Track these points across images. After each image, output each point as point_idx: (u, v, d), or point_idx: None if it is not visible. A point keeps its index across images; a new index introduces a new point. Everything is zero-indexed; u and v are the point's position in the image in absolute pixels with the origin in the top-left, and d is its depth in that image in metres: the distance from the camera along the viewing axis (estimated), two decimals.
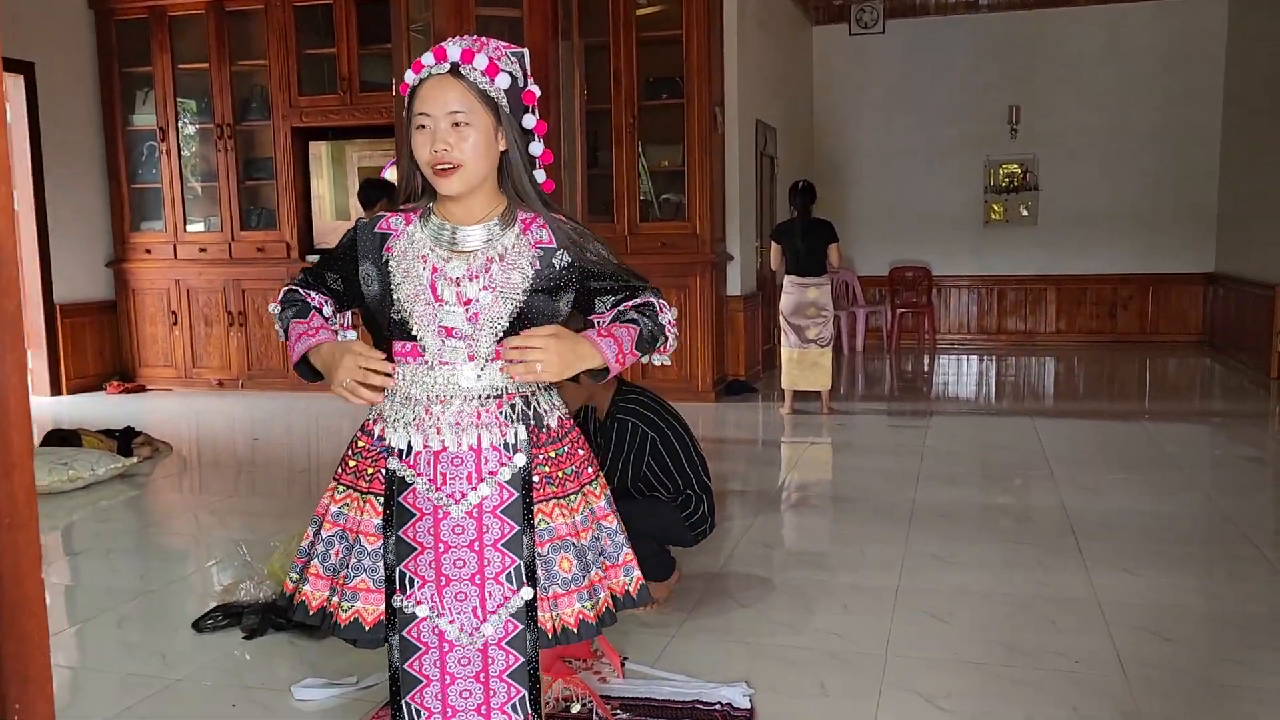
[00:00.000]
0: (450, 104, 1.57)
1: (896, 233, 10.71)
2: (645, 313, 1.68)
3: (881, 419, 6.76)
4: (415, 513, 1.62)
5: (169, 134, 7.94)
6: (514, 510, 1.62)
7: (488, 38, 1.69)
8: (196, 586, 3.63)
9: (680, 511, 3.30)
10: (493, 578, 1.61)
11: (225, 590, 3.44)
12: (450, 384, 1.61)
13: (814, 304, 6.53)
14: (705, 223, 7.05)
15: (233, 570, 3.43)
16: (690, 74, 6.98)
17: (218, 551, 3.98)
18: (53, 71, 7.49)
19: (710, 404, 7.08)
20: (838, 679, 2.72)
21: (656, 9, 7.12)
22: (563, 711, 2.49)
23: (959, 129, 10.43)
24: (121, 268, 8.22)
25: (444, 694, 1.62)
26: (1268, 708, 2.48)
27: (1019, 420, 6.58)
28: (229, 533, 4.28)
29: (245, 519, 4.48)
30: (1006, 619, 3.15)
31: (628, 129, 7.03)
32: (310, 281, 1.74)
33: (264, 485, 5.14)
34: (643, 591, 1.74)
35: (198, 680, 2.81)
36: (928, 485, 4.89)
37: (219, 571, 3.48)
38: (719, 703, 2.53)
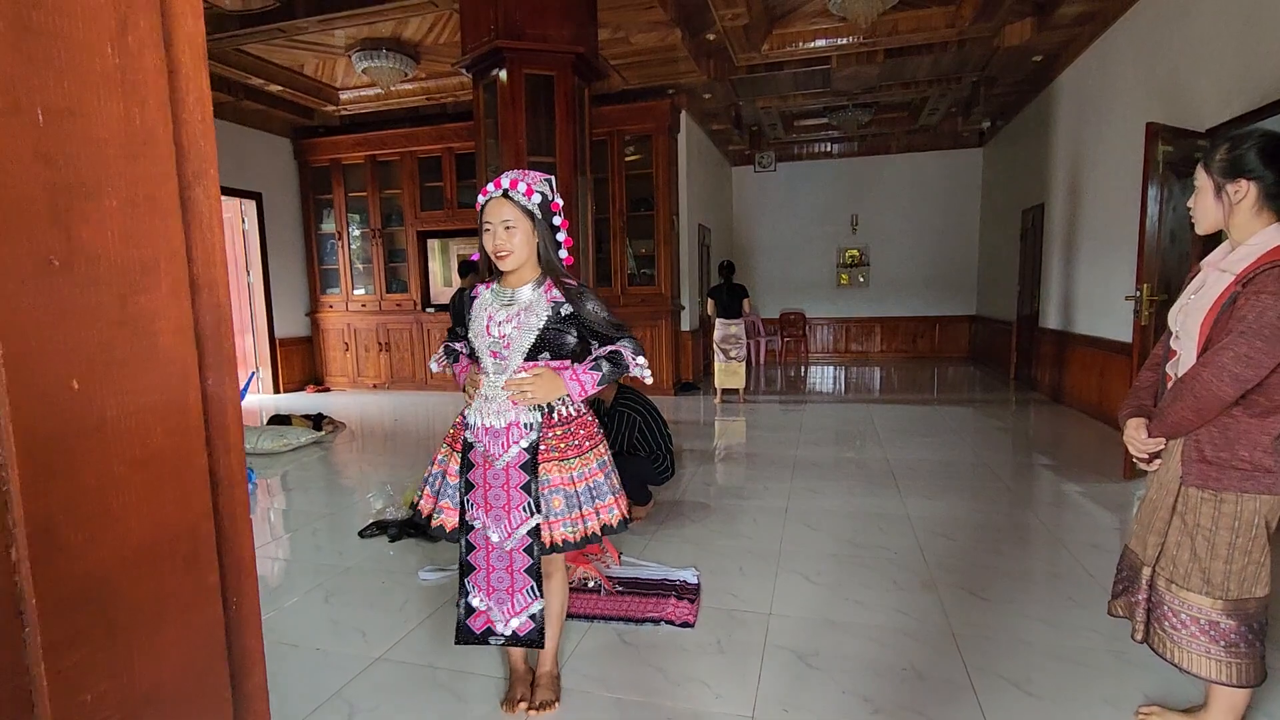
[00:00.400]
0: (503, 215, 1.67)
1: (784, 291, 10.94)
2: (612, 358, 1.73)
3: (776, 405, 6.87)
4: (474, 464, 1.74)
5: (343, 235, 8.29)
6: (528, 466, 1.69)
7: (530, 170, 1.77)
8: (360, 510, 3.69)
9: (653, 464, 3.39)
10: (515, 507, 1.69)
11: (378, 512, 3.50)
12: (495, 387, 1.72)
13: (734, 335, 6.67)
14: (667, 286, 7.25)
15: (382, 499, 3.51)
16: (658, 195, 7.20)
17: (373, 488, 4.05)
18: (273, 198, 8.07)
19: (671, 397, 7.20)
20: (751, 565, 2.82)
21: (637, 156, 7.27)
22: (582, 586, 2.57)
23: (821, 228, 10.72)
24: (315, 316, 8.54)
25: (488, 577, 1.73)
26: (1012, 579, 2.64)
27: (859, 405, 6.71)
28: (380, 476, 4.37)
29: (390, 469, 4.56)
30: (851, 527, 3.24)
31: (620, 229, 7.23)
32: (452, 337, 1.94)
33: (401, 448, 5.22)
34: (620, 524, 1.79)
35: (361, 568, 2.89)
36: (804, 446, 4.97)
37: (374, 500, 3.57)
38: (679, 580, 2.61)
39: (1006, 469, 4.27)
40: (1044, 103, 7.09)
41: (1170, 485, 1.54)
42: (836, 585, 2.61)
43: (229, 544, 0.55)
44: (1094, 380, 5.64)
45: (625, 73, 6.51)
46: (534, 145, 3.82)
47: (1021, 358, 7.78)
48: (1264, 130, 1.49)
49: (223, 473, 0.53)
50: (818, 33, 6.02)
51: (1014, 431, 5.50)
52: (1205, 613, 1.51)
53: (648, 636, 2.27)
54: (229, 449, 0.54)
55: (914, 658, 2.11)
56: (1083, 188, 6.04)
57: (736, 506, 3.62)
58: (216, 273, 0.51)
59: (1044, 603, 2.45)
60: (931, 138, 9.92)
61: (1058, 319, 6.59)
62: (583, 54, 3.77)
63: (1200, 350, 1.44)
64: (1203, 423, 1.45)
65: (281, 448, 5.00)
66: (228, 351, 0.52)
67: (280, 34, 5.36)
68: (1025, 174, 7.80)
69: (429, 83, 6.82)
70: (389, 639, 2.28)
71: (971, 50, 6.26)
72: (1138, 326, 3.83)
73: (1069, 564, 2.78)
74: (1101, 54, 5.66)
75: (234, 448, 0.54)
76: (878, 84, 7.37)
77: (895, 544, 3.01)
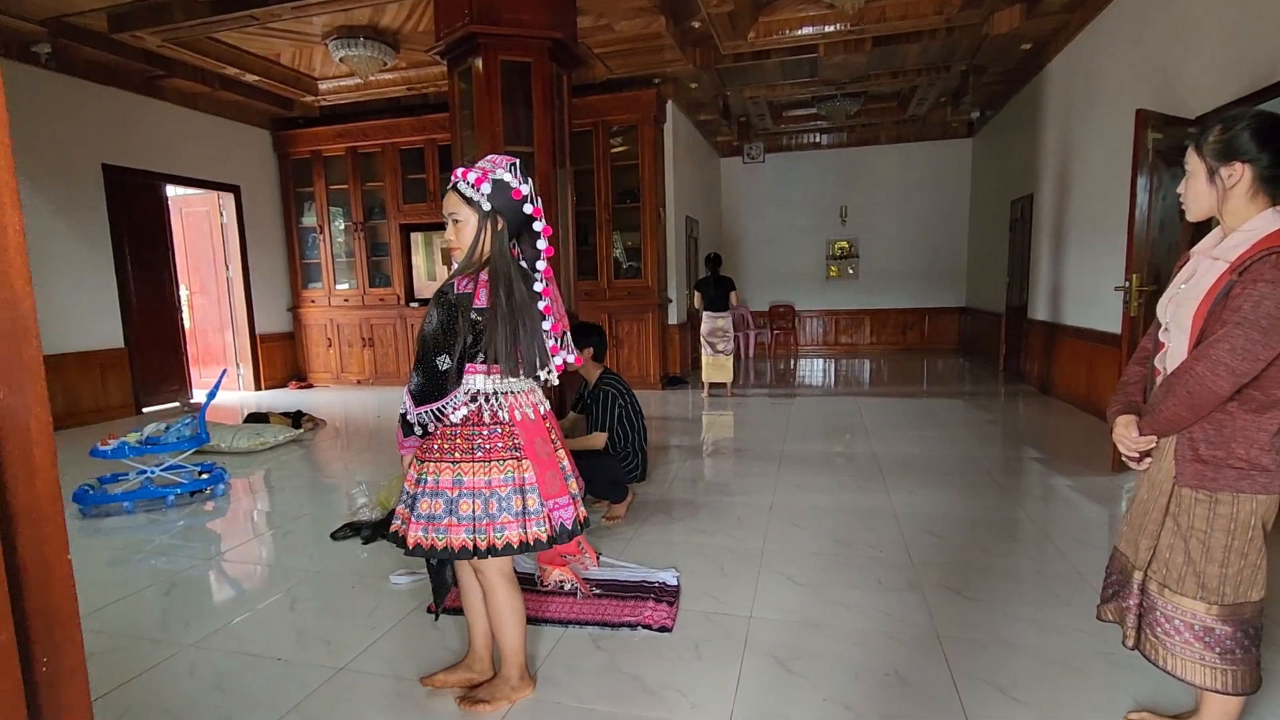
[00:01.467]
0: (450, 208, 1.64)
1: (773, 284, 10.87)
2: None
3: (764, 399, 6.80)
4: None
5: (325, 229, 8.15)
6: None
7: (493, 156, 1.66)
8: (337, 510, 3.60)
9: (622, 464, 3.34)
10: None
11: (352, 513, 3.39)
12: None
13: (721, 329, 6.59)
14: (654, 279, 7.15)
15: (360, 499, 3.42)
16: (644, 187, 7.09)
17: (351, 488, 3.94)
18: (252, 190, 7.91)
19: (658, 391, 7.13)
20: (732, 565, 2.74)
21: (624, 147, 7.15)
22: (558, 589, 2.50)
23: (810, 220, 10.63)
24: (297, 311, 8.42)
25: None
26: (999, 577, 2.58)
27: (848, 399, 6.65)
28: (360, 475, 4.24)
29: (369, 467, 4.45)
30: (836, 524, 3.17)
31: (606, 222, 7.13)
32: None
33: (383, 446, 5.10)
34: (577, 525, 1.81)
35: (331, 572, 2.80)
36: (791, 440, 4.91)
37: (355, 499, 3.47)
38: (658, 582, 2.53)
39: (995, 462, 4.22)
40: (1033, 91, 7.02)
41: (1163, 485, 1.46)
42: (820, 586, 2.54)
43: (36, 590, 0.45)
44: (1083, 372, 5.58)
45: (610, 61, 6.39)
46: (511, 134, 3.70)
47: (1010, 349, 7.74)
48: (1257, 110, 1.41)
49: (23, 503, 0.43)
50: (804, 20, 5.92)
51: (1002, 424, 5.44)
52: (1200, 618, 1.43)
53: (624, 641, 2.19)
54: (34, 474, 0.44)
55: (898, 662, 2.04)
56: (1072, 177, 5.97)
57: (721, 503, 3.55)
58: (9, 267, 0.41)
59: (1031, 602, 2.38)
60: (920, 128, 9.84)
61: (1046, 310, 6.53)
62: (561, 40, 3.66)
63: (1193, 343, 1.36)
64: (1197, 419, 1.37)
65: (258, 446, 4.89)
66: (29, 358, 0.43)
67: (253, 21, 5.20)
68: (1014, 164, 7.73)
69: (410, 72, 6.67)
70: (355, 648, 2.19)
71: (960, 38, 6.17)
72: (1127, 318, 3.77)
73: (1057, 561, 2.72)
74: (1090, 41, 5.58)
75: (40, 472, 0.45)
76: (866, 73, 7.27)
77: (881, 541, 2.95)
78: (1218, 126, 1.40)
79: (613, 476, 3.29)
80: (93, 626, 2.38)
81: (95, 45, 5.53)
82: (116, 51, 5.68)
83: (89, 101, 6.04)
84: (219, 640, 2.27)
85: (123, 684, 2.02)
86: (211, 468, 4.01)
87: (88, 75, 5.98)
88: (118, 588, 2.70)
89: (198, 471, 3.97)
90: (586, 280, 7.17)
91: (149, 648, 2.23)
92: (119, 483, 3.89)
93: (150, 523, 3.50)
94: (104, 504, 3.62)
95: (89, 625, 2.39)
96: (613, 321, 7.23)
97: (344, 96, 7.26)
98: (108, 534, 3.36)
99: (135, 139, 6.47)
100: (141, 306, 6.64)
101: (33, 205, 5.65)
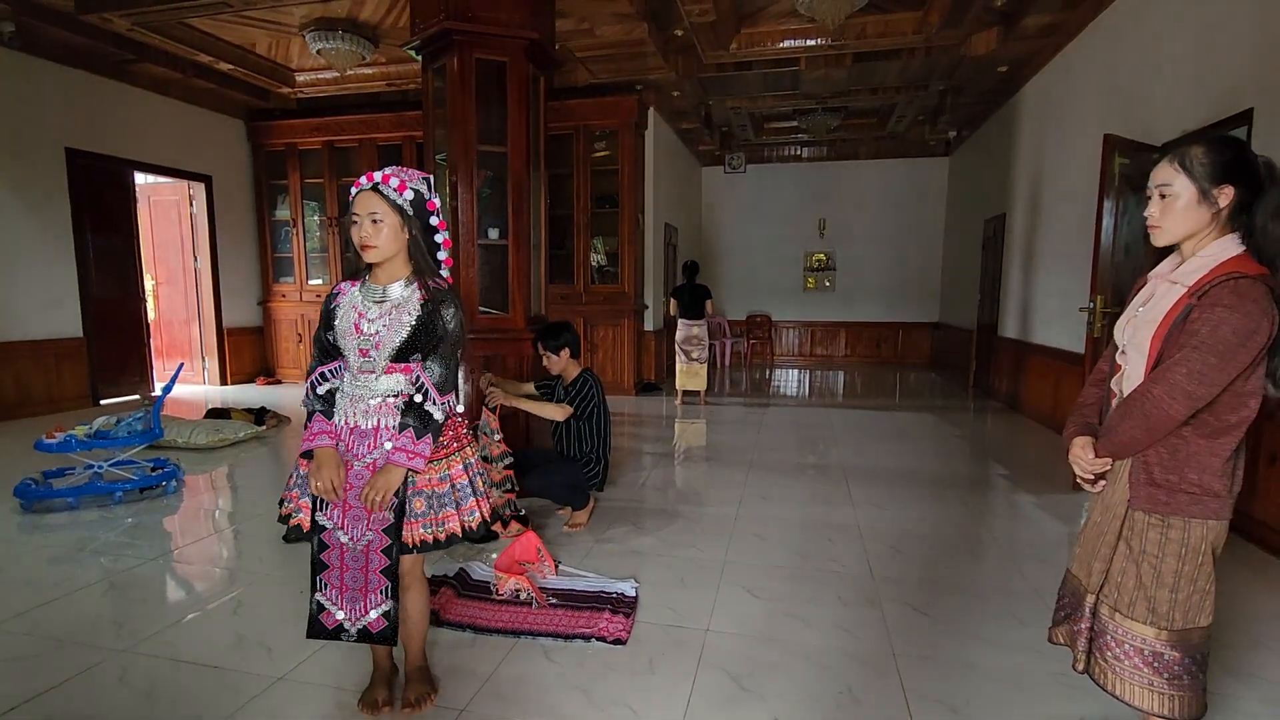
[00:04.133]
0: (371, 208, 1.62)
1: (750, 293, 10.91)
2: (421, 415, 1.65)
3: (738, 408, 6.78)
4: None
5: (298, 223, 7.99)
6: None
7: (406, 168, 1.70)
8: None
9: (583, 469, 3.26)
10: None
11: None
12: (365, 386, 1.66)
13: (696, 337, 6.59)
14: (631, 285, 7.13)
15: None
16: (623, 193, 7.06)
17: None
18: (224, 181, 7.74)
19: (632, 397, 7.09)
20: (693, 576, 2.70)
21: (605, 152, 7.11)
22: (514, 599, 2.44)
23: (788, 231, 10.71)
24: (267, 305, 8.22)
25: (341, 576, 1.70)
26: (958, 594, 2.56)
27: (820, 410, 6.67)
28: None
29: None
30: (801, 538, 3.13)
31: (584, 226, 7.09)
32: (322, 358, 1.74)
33: None
34: (481, 525, 1.77)
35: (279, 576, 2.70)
36: (762, 450, 4.89)
37: None
38: (616, 592, 2.48)
39: (961, 478, 4.22)
40: (1008, 113, 7.12)
41: (1116, 508, 1.45)
42: (779, 600, 2.50)
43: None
44: (1049, 389, 5.65)
45: (592, 66, 6.35)
46: (485, 134, 3.64)
47: (980, 365, 7.82)
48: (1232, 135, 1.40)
49: None
50: (786, 33, 5.94)
51: (970, 439, 5.47)
52: (1149, 643, 1.42)
53: (576, 654, 2.13)
54: None
55: (852, 680, 2.00)
56: (1043, 199, 6.06)
57: (686, 512, 3.51)
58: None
59: (988, 620, 2.37)
60: (899, 145, 9.95)
61: (1016, 328, 6.61)
62: (538, 40, 3.60)
63: (1150, 366, 1.35)
64: (1152, 442, 1.35)
65: (217, 443, 4.74)
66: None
67: (227, 8, 5.07)
68: (988, 183, 7.84)
69: (389, 68, 6.57)
70: (296, 656, 2.10)
71: (938, 58, 6.24)
72: (1089, 338, 3.80)
73: (1016, 580, 2.71)
74: (1064, 66, 5.67)
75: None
76: (846, 88, 7.32)
77: (844, 556, 2.93)
78: (1200, 148, 1.36)
79: (573, 482, 3.22)
80: (20, 629, 2.26)
81: (62, 25, 5.35)
82: (84, 33, 5.50)
83: (54, 83, 5.85)
84: (154, 645, 2.16)
85: (44, 692, 1.91)
86: (165, 463, 3.87)
87: (53, 56, 5.79)
88: (53, 587, 2.58)
89: (150, 467, 3.83)
90: (562, 284, 7.10)
91: (78, 652, 2.12)
92: (65, 477, 3.74)
93: (96, 520, 3.36)
94: (46, 499, 3.47)
95: (17, 627, 2.27)
96: (588, 327, 7.17)
97: (322, 89, 7.13)
98: (50, 530, 3.21)
99: (102, 124, 6.28)
100: (102, 295, 6.43)
101: None
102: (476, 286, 3.68)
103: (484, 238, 3.73)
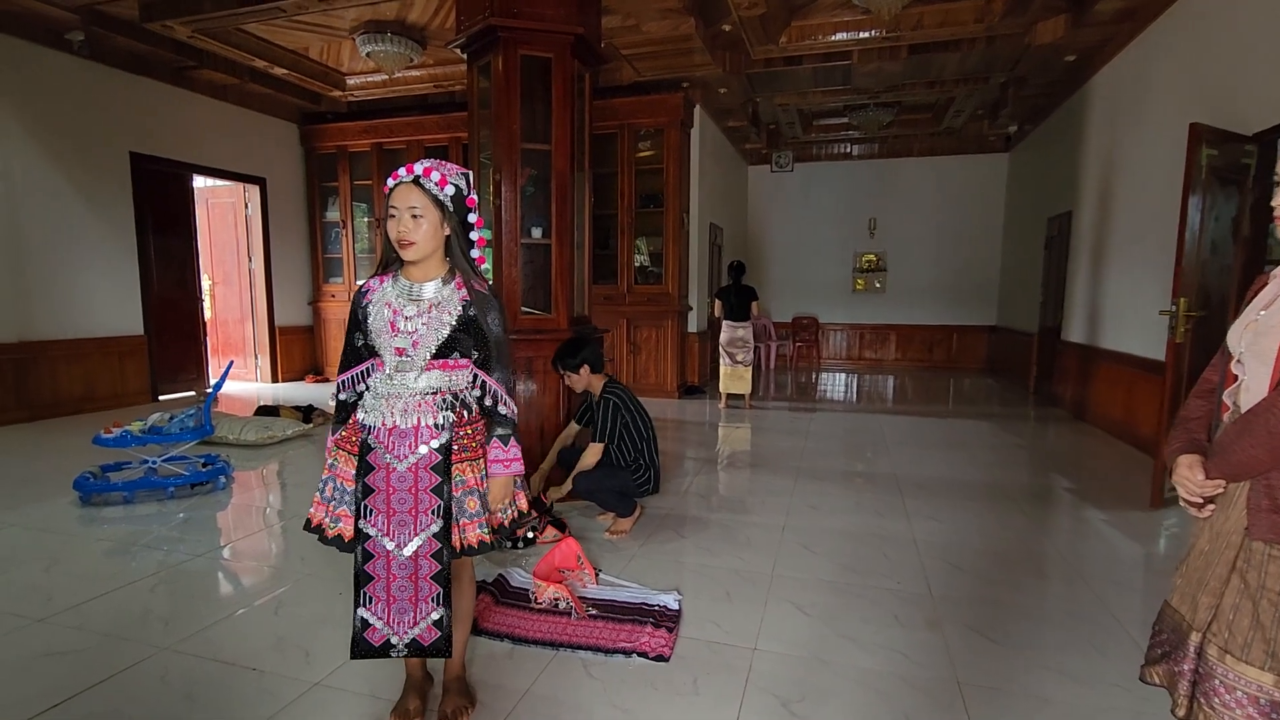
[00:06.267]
0: (411, 202, 1.57)
1: (797, 295, 10.70)
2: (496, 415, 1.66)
3: (784, 412, 6.61)
4: (375, 467, 1.61)
5: (347, 224, 8.17)
6: (439, 468, 1.60)
7: (445, 161, 1.65)
8: None
9: (633, 476, 3.20)
10: (423, 511, 1.60)
11: None
12: (401, 385, 1.59)
13: (741, 339, 6.45)
14: (675, 286, 7.01)
15: None
16: (668, 192, 6.95)
17: None
18: (278, 183, 7.96)
19: (675, 400, 6.99)
20: (740, 589, 2.58)
21: (650, 152, 7.02)
22: (553, 608, 2.37)
23: (837, 231, 10.46)
24: (317, 305, 8.44)
25: (388, 587, 1.62)
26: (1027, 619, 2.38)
27: (869, 415, 6.45)
28: None
29: None
30: (853, 550, 2.99)
31: (628, 226, 7.01)
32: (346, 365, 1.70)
33: None
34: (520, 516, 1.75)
35: (320, 575, 2.69)
36: (809, 456, 4.76)
37: None
38: (658, 605, 2.38)
39: (1023, 490, 3.99)
40: (1076, 105, 6.76)
41: (1230, 537, 1.28)
42: (831, 618, 2.37)
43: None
44: (1120, 398, 5.31)
45: (637, 64, 6.28)
46: (529, 132, 3.59)
47: (1042, 371, 7.46)
48: None
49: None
50: (838, 25, 5.75)
51: (1032, 449, 5.18)
52: (1266, 691, 1.24)
53: (617, 670, 2.04)
54: None
55: (912, 710, 1.86)
56: (1114, 194, 5.71)
57: (731, 521, 3.39)
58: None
59: (1063, 650, 2.18)
60: (955, 141, 9.59)
61: (1082, 332, 6.26)
62: (583, 35, 3.54)
63: (1277, 377, 1.18)
64: (1277, 463, 1.19)
65: (265, 440, 4.84)
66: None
67: (280, 13, 5.18)
68: (1053, 180, 7.46)
69: (436, 69, 6.63)
70: (333, 660, 2.07)
71: (1000, 48, 5.95)
72: (1172, 344, 3.53)
73: (1091, 603, 2.51)
74: (1140, 53, 5.33)
75: None
76: (901, 82, 7.07)
77: (899, 572, 2.78)
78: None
79: (621, 488, 3.16)
80: (71, 622, 2.30)
81: (127, 34, 5.56)
82: (148, 41, 5.71)
83: (119, 90, 6.08)
84: (196, 644, 2.17)
85: (86, 689, 1.91)
86: (216, 459, 3.95)
87: (119, 64, 6.03)
88: (104, 581, 2.62)
89: (201, 463, 3.91)
90: (606, 285, 7.05)
91: (123, 648, 2.13)
92: (122, 471, 3.85)
93: (150, 514, 3.44)
94: (104, 492, 3.57)
95: (69, 620, 2.31)
96: (631, 327, 7.10)
97: (371, 92, 7.25)
98: (106, 523, 3.30)
99: (164, 129, 6.51)
100: (163, 295, 6.66)
101: (59, 191, 5.69)
102: (519, 286, 3.64)
103: (527, 236, 3.68)
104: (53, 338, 5.68)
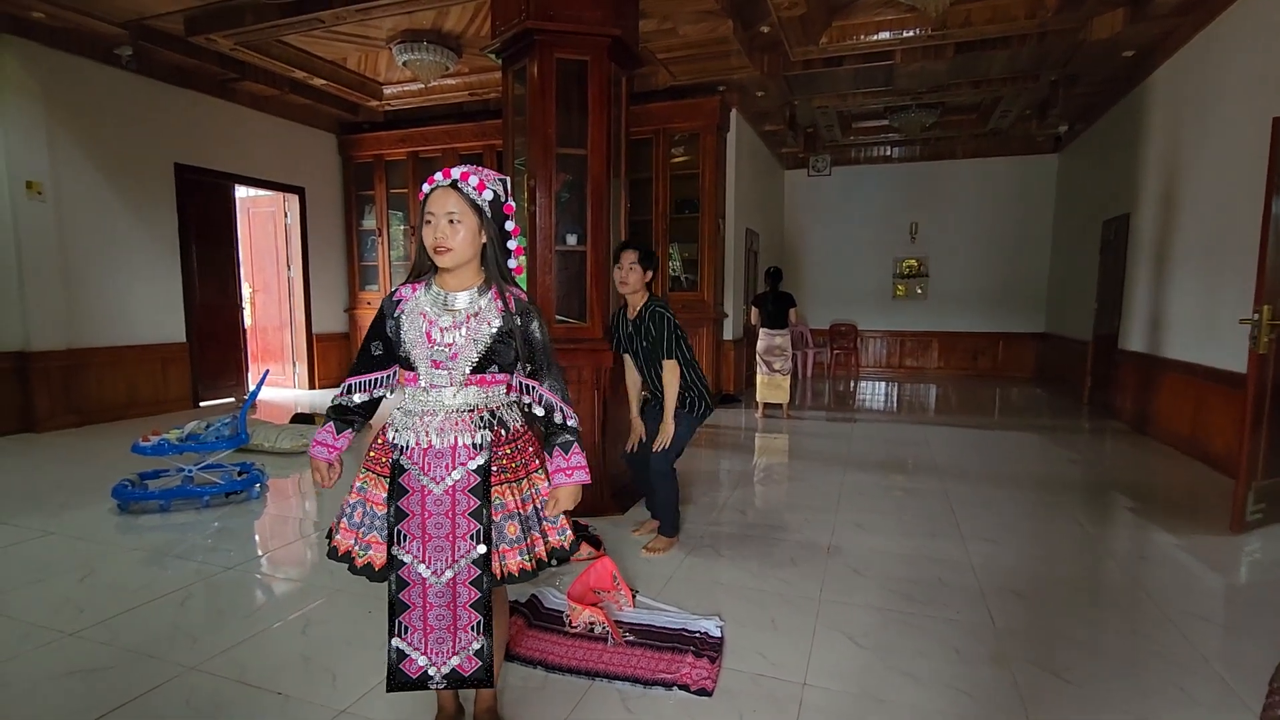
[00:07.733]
0: (448, 207, 1.48)
1: (835, 301, 10.43)
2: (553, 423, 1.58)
3: (822, 422, 6.42)
4: (409, 490, 1.50)
5: (384, 232, 8.26)
6: (478, 490, 1.50)
7: (482, 168, 1.56)
8: None
9: (690, 413, 3.07)
10: (460, 537, 1.50)
11: None
12: (437, 401, 1.49)
13: (779, 347, 6.28)
14: (710, 293, 6.88)
15: None
16: (703, 197, 6.83)
17: None
18: (316, 193, 8.05)
19: None
20: (785, 617, 2.43)
21: (685, 157, 6.93)
22: (588, 633, 2.25)
23: (877, 236, 10.17)
24: (353, 312, 8.50)
25: (425, 616, 1.52)
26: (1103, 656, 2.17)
27: (914, 426, 6.22)
28: None
29: None
30: (905, 574, 2.81)
31: (663, 232, 6.92)
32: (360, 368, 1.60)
33: None
34: (573, 545, 1.61)
35: (350, 591, 2.61)
36: (852, 470, 4.57)
37: None
38: (700, 631, 2.25)
39: (1086, 510, 3.75)
40: (1133, 103, 6.43)
41: None
42: (886, 650, 2.21)
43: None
44: (1188, 411, 4.99)
45: (673, 68, 6.18)
46: (564, 137, 3.51)
47: (1097, 381, 7.12)
48: None
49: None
50: (882, 24, 5.57)
51: (1092, 465, 4.86)
52: None
53: (656, 705, 1.91)
54: None
55: None
56: (1179, 196, 5.40)
57: (773, 540, 3.24)
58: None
59: (1149, 695, 1.97)
60: (1001, 142, 9.27)
61: (1143, 340, 5.93)
62: (620, 38, 3.45)
63: None
64: None
65: (300, 448, 4.83)
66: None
67: (319, 24, 5.22)
68: (1108, 181, 7.13)
69: (472, 78, 6.64)
70: (361, 686, 1.98)
71: (1052, 44, 5.69)
72: (1254, 355, 3.27)
73: (1173, 640, 2.29)
74: (1206, 47, 5.03)
75: None
76: (946, 82, 6.84)
77: (956, 600, 2.59)
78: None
79: (675, 503, 3.07)
80: (101, 637, 2.26)
81: (172, 48, 5.68)
82: (192, 54, 5.82)
83: (165, 103, 6.22)
84: (222, 664, 2.11)
85: (111, 710, 1.87)
86: (250, 468, 3.95)
87: (165, 77, 6.16)
88: (136, 593, 2.60)
89: (237, 471, 3.91)
90: None
91: (150, 666, 2.08)
92: (159, 479, 3.86)
93: (185, 523, 3.43)
94: (141, 500, 3.58)
95: (99, 635, 2.27)
96: None
97: (407, 102, 7.29)
98: (142, 532, 3.30)
99: (208, 140, 6.64)
100: (205, 303, 6.78)
101: (108, 202, 5.83)
102: (554, 294, 3.56)
103: (561, 243, 3.60)
104: (99, 345, 5.81)
